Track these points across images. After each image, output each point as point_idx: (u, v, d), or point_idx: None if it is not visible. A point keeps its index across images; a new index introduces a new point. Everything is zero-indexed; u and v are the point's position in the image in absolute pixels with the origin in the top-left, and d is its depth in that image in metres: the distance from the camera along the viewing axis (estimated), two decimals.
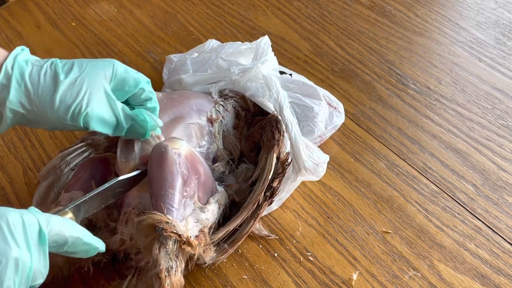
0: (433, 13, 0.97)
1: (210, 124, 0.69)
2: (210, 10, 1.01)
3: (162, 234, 0.55)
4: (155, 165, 0.59)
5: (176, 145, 0.61)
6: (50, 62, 0.57)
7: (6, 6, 1.05)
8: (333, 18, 0.98)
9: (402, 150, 0.76)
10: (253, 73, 0.72)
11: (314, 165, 0.68)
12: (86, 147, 0.71)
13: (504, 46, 0.90)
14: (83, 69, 0.57)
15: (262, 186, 0.64)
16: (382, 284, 0.63)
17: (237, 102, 0.72)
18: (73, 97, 0.56)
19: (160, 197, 0.57)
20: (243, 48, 0.77)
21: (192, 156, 0.62)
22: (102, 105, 0.58)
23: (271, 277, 0.65)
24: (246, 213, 0.63)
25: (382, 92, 0.84)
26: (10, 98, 0.55)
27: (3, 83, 0.55)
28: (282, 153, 0.66)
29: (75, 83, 0.56)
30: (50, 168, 0.70)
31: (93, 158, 0.67)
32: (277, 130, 0.67)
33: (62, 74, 0.56)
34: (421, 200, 0.71)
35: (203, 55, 0.78)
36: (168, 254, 0.55)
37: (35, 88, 0.56)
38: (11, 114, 0.56)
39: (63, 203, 0.62)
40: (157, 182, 0.58)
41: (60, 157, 0.70)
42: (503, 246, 0.66)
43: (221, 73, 0.73)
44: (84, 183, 0.63)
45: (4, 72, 0.55)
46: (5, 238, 0.45)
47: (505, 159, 0.74)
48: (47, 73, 0.56)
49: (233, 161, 0.70)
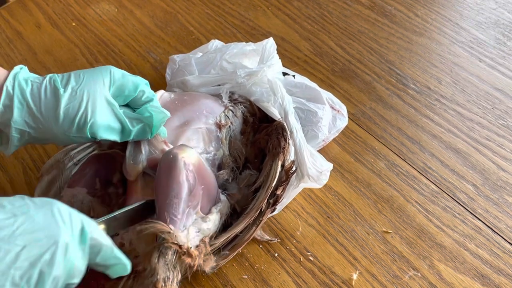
0: (433, 13, 0.97)
1: (218, 129, 0.68)
2: (210, 10, 1.01)
3: (162, 244, 0.55)
4: (163, 172, 0.59)
5: (186, 153, 0.60)
6: (49, 78, 0.57)
7: (6, 6, 1.05)
8: (333, 18, 0.98)
9: (402, 150, 0.76)
10: (259, 76, 0.71)
11: (317, 173, 0.68)
12: (91, 143, 0.71)
13: (504, 46, 0.90)
14: (81, 80, 0.58)
15: (265, 194, 0.63)
16: (382, 284, 0.63)
17: (246, 107, 0.72)
18: (75, 109, 0.57)
19: (164, 206, 0.57)
20: (247, 50, 0.76)
21: (200, 166, 0.62)
22: (106, 113, 0.58)
23: (271, 277, 0.65)
24: (248, 220, 0.63)
25: (382, 92, 0.84)
26: (14, 118, 0.56)
27: (5, 104, 0.56)
28: (286, 161, 0.66)
29: (75, 95, 0.57)
30: (53, 162, 0.70)
31: (99, 155, 0.67)
32: (283, 137, 0.66)
33: (62, 88, 0.57)
34: (421, 200, 0.71)
35: (207, 55, 0.78)
36: (167, 264, 0.55)
37: (38, 106, 0.56)
38: (18, 134, 0.57)
39: (66, 198, 0.62)
40: (163, 190, 0.58)
41: (64, 151, 0.70)
42: (503, 246, 0.66)
43: (226, 75, 0.73)
44: (89, 180, 0.64)
45: (5, 93, 0.56)
46: (57, 222, 0.45)
47: (505, 159, 0.75)
48: (47, 89, 0.57)
49: (238, 168, 0.69)
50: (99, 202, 0.64)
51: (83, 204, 0.63)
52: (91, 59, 0.94)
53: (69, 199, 0.62)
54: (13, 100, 0.55)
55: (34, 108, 0.56)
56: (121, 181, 0.66)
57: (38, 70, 0.93)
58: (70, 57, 0.94)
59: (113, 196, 0.65)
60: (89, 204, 0.63)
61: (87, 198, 0.63)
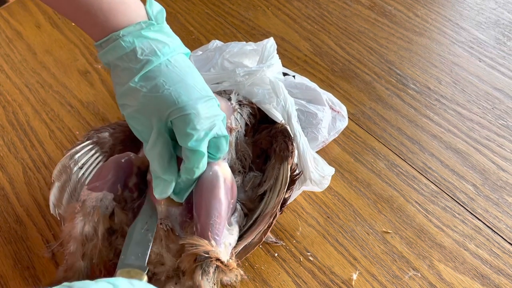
0: (433, 13, 0.97)
1: (229, 132, 0.68)
2: (210, 10, 1.01)
3: (206, 261, 0.57)
4: (205, 190, 0.60)
5: (224, 170, 0.62)
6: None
7: (6, 6, 1.05)
8: (333, 18, 0.98)
9: (402, 150, 0.76)
10: (258, 76, 0.71)
11: (320, 177, 0.68)
12: (93, 145, 0.71)
13: (504, 46, 0.90)
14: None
15: (278, 198, 0.63)
16: (382, 284, 0.63)
17: (250, 110, 0.72)
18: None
19: (208, 226, 0.58)
20: (247, 49, 0.76)
21: (232, 179, 0.63)
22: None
23: (271, 277, 0.65)
24: (263, 226, 0.62)
25: (382, 92, 0.84)
26: None
27: None
28: (292, 165, 0.66)
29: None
30: (61, 167, 0.70)
31: (118, 159, 0.66)
32: (289, 141, 0.66)
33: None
34: (421, 200, 0.71)
35: (206, 53, 0.77)
36: (209, 281, 0.57)
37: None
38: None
39: (90, 202, 0.62)
40: (206, 209, 0.59)
41: (68, 156, 0.70)
42: (503, 246, 0.66)
43: (225, 73, 0.72)
44: (112, 185, 0.64)
45: None
46: None
47: (505, 159, 0.75)
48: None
49: (244, 172, 0.69)
50: (120, 208, 0.64)
51: (107, 209, 0.63)
52: (91, 59, 0.94)
53: (95, 204, 0.62)
54: None
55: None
56: (137, 185, 0.66)
57: (38, 70, 0.93)
58: (70, 57, 0.94)
59: (128, 200, 0.66)
60: (112, 210, 0.63)
61: (112, 204, 0.63)
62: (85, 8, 0.58)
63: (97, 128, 0.72)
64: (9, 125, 0.85)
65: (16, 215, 0.73)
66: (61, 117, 0.85)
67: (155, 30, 0.59)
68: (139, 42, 0.58)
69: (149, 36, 0.58)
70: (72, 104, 0.87)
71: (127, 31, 0.58)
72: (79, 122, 0.84)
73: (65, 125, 0.84)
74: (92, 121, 0.84)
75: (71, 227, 0.62)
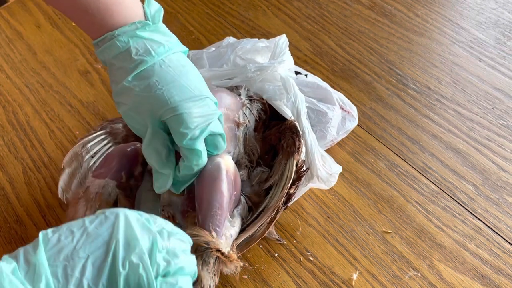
0: (433, 13, 0.97)
1: (237, 127, 0.68)
2: (210, 10, 1.01)
3: (206, 252, 0.57)
4: (207, 182, 0.60)
5: (227, 162, 0.62)
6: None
7: (6, 6, 1.05)
8: (333, 18, 0.98)
9: (402, 150, 0.76)
10: (269, 72, 0.71)
11: (327, 175, 0.68)
12: (106, 135, 0.72)
13: (504, 46, 0.90)
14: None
15: (281, 192, 0.63)
16: (382, 284, 0.63)
17: (260, 105, 0.72)
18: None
19: (209, 217, 0.59)
20: (260, 46, 0.76)
21: (235, 172, 0.63)
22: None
23: (271, 277, 0.65)
24: (265, 219, 0.63)
25: (382, 92, 0.84)
26: None
27: None
28: (299, 161, 0.66)
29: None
30: (72, 155, 0.71)
31: (123, 148, 0.67)
32: (297, 137, 0.66)
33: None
34: (421, 200, 0.71)
35: (219, 49, 0.77)
36: (209, 272, 0.57)
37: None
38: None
39: (93, 189, 0.63)
40: (207, 201, 0.59)
41: (81, 144, 0.71)
42: (503, 246, 0.66)
43: (237, 69, 0.72)
44: (116, 173, 0.65)
45: None
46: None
47: (505, 159, 0.74)
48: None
49: (252, 166, 0.69)
50: (124, 195, 0.65)
51: (110, 196, 0.64)
52: (91, 59, 0.94)
53: (97, 190, 0.63)
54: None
55: None
56: (142, 173, 0.67)
57: (38, 70, 0.93)
58: (70, 57, 0.94)
59: (134, 189, 0.66)
60: (115, 196, 0.64)
61: (114, 191, 0.64)
62: (84, 7, 0.58)
63: (111, 119, 0.73)
64: (9, 125, 0.85)
65: (16, 215, 0.73)
66: (61, 117, 0.85)
67: (150, 30, 0.59)
68: (134, 42, 0.58)
69: (144, 36, 0.58)
70: (72, 104, 0.87)
71: (122, 31, 0.58)
72: (79, 122, 0.84)
73: (65, 125, 0.84)
74: (92, 121, 0.84)
75: (74, 211, 0.63)
